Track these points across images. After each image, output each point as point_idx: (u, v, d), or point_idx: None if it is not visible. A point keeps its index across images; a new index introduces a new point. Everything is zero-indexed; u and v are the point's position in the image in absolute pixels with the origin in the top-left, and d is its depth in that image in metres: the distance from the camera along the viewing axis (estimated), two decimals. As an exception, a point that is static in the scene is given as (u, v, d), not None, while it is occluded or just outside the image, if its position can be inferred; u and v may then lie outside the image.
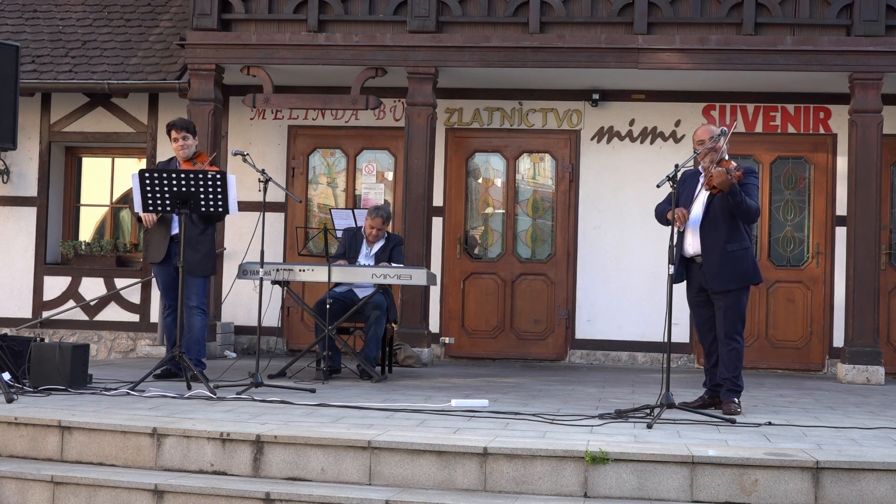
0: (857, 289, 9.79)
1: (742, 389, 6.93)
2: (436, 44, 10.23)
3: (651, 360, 10.96)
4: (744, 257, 6.83)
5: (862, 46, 9.82)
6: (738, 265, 6.80)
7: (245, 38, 10.42)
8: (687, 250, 6.94)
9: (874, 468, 5.09)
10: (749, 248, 6.89)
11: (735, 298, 6.84)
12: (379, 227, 8.77)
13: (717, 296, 6.86)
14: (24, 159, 11.67)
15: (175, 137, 8.11)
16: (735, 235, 6.81)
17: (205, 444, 5.50)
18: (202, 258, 8.02)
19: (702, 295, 6.98)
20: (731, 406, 6.76)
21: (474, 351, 11.26)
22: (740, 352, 6.87)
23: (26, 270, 11.64)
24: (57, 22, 11.92)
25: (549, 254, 11.28)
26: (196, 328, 8.03)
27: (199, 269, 8.02)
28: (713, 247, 6.80)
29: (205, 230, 8.04)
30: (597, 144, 11.22)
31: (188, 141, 8.13)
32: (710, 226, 6.82)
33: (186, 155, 8.12)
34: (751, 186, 6.79)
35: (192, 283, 8.00)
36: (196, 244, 7.94)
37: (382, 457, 5.32)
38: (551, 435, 5.67)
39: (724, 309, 6.84)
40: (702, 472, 5.13)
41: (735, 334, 6.85)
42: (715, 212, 6.81)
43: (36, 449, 5.78)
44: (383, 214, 8.82)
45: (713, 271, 6.81)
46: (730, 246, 6.80)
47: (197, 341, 8.04)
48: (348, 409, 6.57)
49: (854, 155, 9.89)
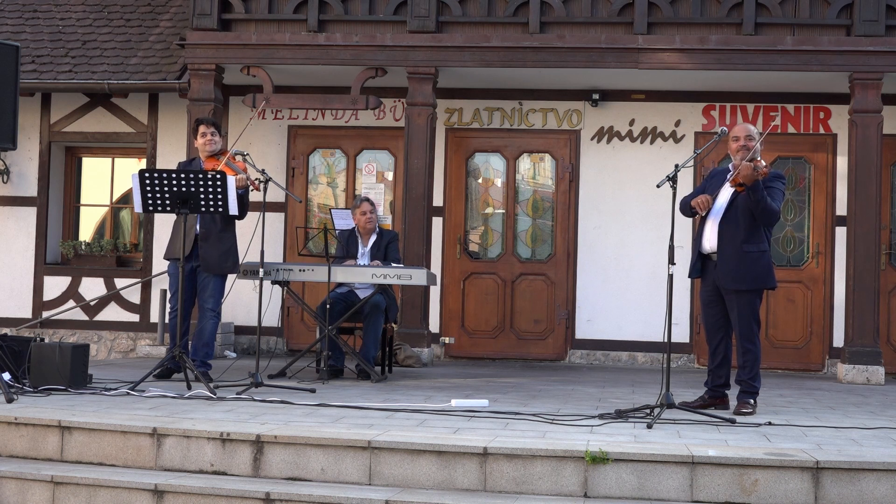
0: (857, 289, 9.78)
1: (758, 391, 6.92)
2: (436, 44, 10.22)
3: (651, 359, 10.96)
4: (759, 259, 6.81)
5: (862, 46, 9.81)
6: (752, 266, 6.78)
7: (245, 38, 10.41)
8: (704, 246, 6.93)
9: (874, 468, 5.09)
10: (766, 251, 6.87)
11: (747, 300, 6.82)
12: (370, 211, 8.79)
13: (730, 295, 6.85)
14: (24, 159, 11.67)
15: (203, 132, 8.11)
16: (754, 237, 6.80)
17: (205, 444, 5.50)
18: (221, 256, 8.01)
19: (715, 293, 6.96)
20: (747, 407, 6.76)
21: (474, 351, 11.26)
22: (757, 354, 6.85)
23: (26, 270, 11.63)
24: (57, 22, 11.92)
25: (549, 254, 11.28)
26: (207, 332, 8.04)
27: (217, 267, 8.02)
28: (730, 245, 6.79)
29: (225, 228, 8.02)
30: (597, 144, 11.21)
31: (216, 137, 8.15)
32: (729, 224, 6.81)
33: (213, 150, 8.11)
34: (775, 190, 6.78)
35: (211, 282, 8.01)
36: (216, 241, 7.96)
37: (382, 457, 5.32)
38: (551, 435, 5.67)
39: (736, 309, 6.83)
40: (702, 472, 5.13)
41: (752, 336, 6.83)
42: (736, 210, 6.79)
43: (36, 449, 5.78)
44: (367, 200, 8.90)
45: (727, 269, 6.80)
46: (746, 246, 6.78)
47: (206, 344, 8.05)
48: (348, 409, 6.56)
49: (854, 155, 9.88)
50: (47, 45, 11.53)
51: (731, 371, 7.05)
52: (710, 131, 10.94)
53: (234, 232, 8.13)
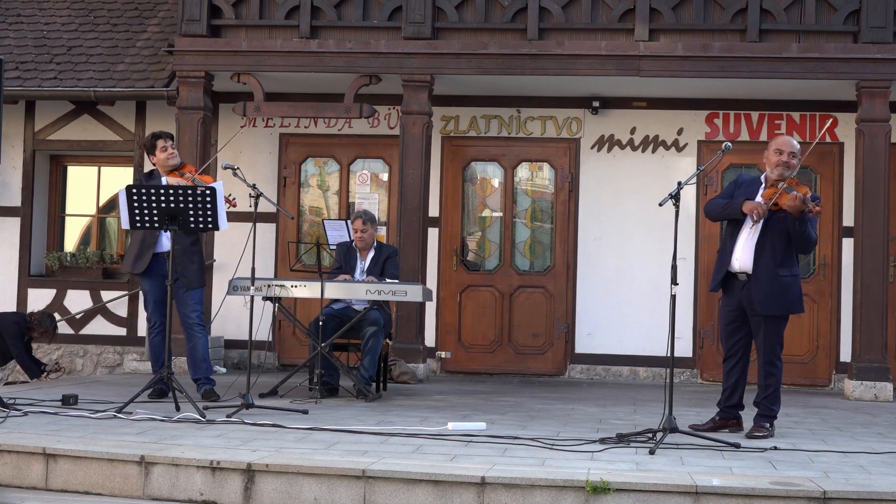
0: (865, 302, 9.60)
1: (776, 415, 6.77)
2: (431, 50, 10.04)
3: (653, 374, 10.73)
4: (792, 284, 6.62)
5: (869, 54, 9.65)
6: (787, 292, 6.59)
7: (235, 45, 10.22)
8: (734, 265, 6.69)
9: (883, 498, 4.98)
10: (798, 275, 6.70)
11: (775, 324, 6.66)
12: (362, 230, 8.55)
13: (758, 318, 6.64)
14: (8, 168, 11.43)
15: (164, 146, 7.96)
16: (788, 260, 6.61)
17: (194, 473, 5.41)
18: (198, 269, 7.94)
19: (739, 314, 6.74)
20: (762, 430, 6.61)
21: (471, 366, 11.02)
22: (779, 378, 6.73)
23: (10, 282, 11.43)
24: (41, 27, 11.69)
25: (548, 266, 11.05)
26: (200, 348, 7.97)
27: (197, 281, 7.93)
28: (765, 268, 6.56)
29: (196, 240, 7.95)
30: (597, 153, 11.00)
31: (175, 150, 8.02)
32: (765, 246, 6.58)
33: (175, 164, 7.95)
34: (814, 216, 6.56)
35: (190, 296, 7.91)
36: (191, 255, 7.87)
37: (377, 486, 5.22)
38: (551, 462, 5.58)
39: (763, 334, 6.65)
40: (706, 502, 5.02)
41: (775, 359, 6.69)
42: (773, 232, 6.57)
43: (20, 477, 5.66)
44: (362, 215, 8.64)
45: (760, 293, 6.57)
46: (781, 271, 6.57)
47: (203, 360, 7.98)
48: (342, 433, 6.39)
49: (861, 165, 9.71)
50: (31, 50, 11.31)
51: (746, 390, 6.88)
52: (714, 140, 10.75)
53: (202, 243, 8.13)
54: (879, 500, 4.96)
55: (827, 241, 10.72)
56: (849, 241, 10.32)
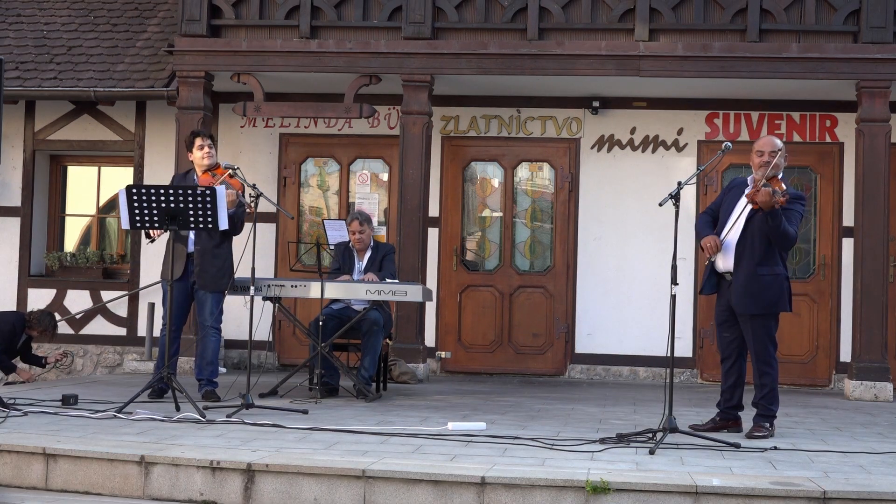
0: (865, 302, 9.59)
1: (775, 414, 6.76)
2: (431, 51, 10.03)
3: (653, 374, 10.73)
4: (773, 283, 6.60)
5: (869, 54, 9.64)
6: (765, 291, 6.59)
7: (235, 45, 10.21)
8: (718, 265, 6.74)
9: (883, 498, 4.98)
10: (781, 274, 6.66)
11: (761, 323, 6.64)
12: (360, 230, 8.54)
13: (742, 318, 6.66)
14: (8, 168, 11.42)
15: (201, 145, 7.95)
16: (769, 259, 6.60)
17: (194, 473, 5.41)
18: (217, 272, 7.86)
19: (729, 313, 6.75)
20: (761, 430, 6.61)
21: (471, 366, 11.02)
22: (774, 377, 6.69)
23: (10, 283, 11.42)
24: (41, 27, 11.68)
25: (548, 265, 11.04)
26: (210, 350, 7.97)
27: (212, 284, 7.86)
28: (744, 267, 6.59)
29: (221, 243, 7.86)
30: (597, 153, 10.99)
31: (213, 150, 7.99)
32: (745, 245, 6.61)
33: (211, 164, 7.94)
34: (794, 213, 6.59)
35: (209, 299, 7.89)
36: (212, 258, 7.82)
37: (377, 486, 5.22)
38: (551, 462, 5.58)
39: (751, 332, 6.65)
40: (706, 502, 5.00)
41: (768, 359, 6.65)
42: (753, 231, 6.59)
43: (20, 477, 5.65)
44: (358, 216, 8.62)
45: (740, 291, 6.61)
46: (761, 269, 6.58)
47: (210, 362, 7.98)
48: (342, 433, 6.39)
49: (861, 165, 9.71)
50: (31, 50, 11.30)
51: (745, 391, 6.86)
52: (714, 140, 10.74)
53: (230, 247, 7.97)
54: (879, 500, 4.96)
55: (827, 241, 10.73)
56: (849, 241, 10.31)
